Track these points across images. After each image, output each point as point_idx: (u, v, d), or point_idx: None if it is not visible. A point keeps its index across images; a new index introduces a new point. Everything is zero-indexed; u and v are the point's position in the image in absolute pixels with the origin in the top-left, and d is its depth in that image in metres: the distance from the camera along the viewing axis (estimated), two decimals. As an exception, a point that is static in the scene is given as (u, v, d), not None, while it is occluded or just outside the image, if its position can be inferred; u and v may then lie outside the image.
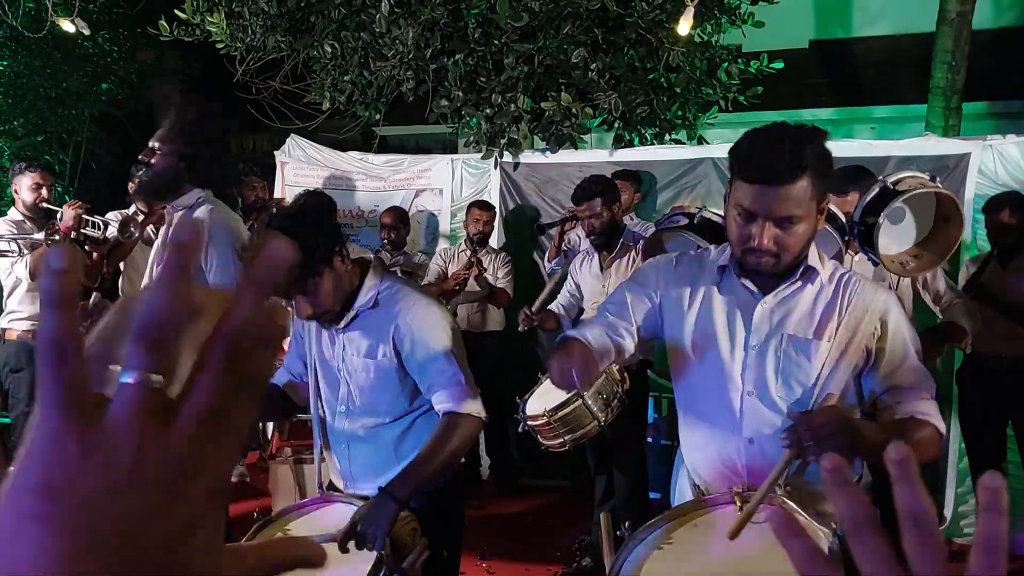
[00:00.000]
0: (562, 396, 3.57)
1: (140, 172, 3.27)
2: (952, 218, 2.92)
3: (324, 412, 2.66)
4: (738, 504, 1.91)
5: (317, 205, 2.44)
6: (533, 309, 4.43)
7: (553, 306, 4.70)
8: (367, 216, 6.56)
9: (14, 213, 4.85)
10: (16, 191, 4.84)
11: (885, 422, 1.99)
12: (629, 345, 2.18)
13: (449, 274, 5.48)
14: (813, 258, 2.05)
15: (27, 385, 4.69)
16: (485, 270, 5.40)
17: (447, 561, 2.57)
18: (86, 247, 4.95)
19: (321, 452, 2.70)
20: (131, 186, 5.07)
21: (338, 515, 2.39)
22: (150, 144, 3.22)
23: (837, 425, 1.80)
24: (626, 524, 1.94)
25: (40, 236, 4.50)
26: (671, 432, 5.41)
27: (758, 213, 1.90)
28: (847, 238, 2.95)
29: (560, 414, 3.54)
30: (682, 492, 2.25)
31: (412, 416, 2.57)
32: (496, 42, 5.98)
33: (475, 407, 2.47)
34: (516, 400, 3.82)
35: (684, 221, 3.22)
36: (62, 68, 9.81)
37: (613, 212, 4.43)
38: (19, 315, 4.76)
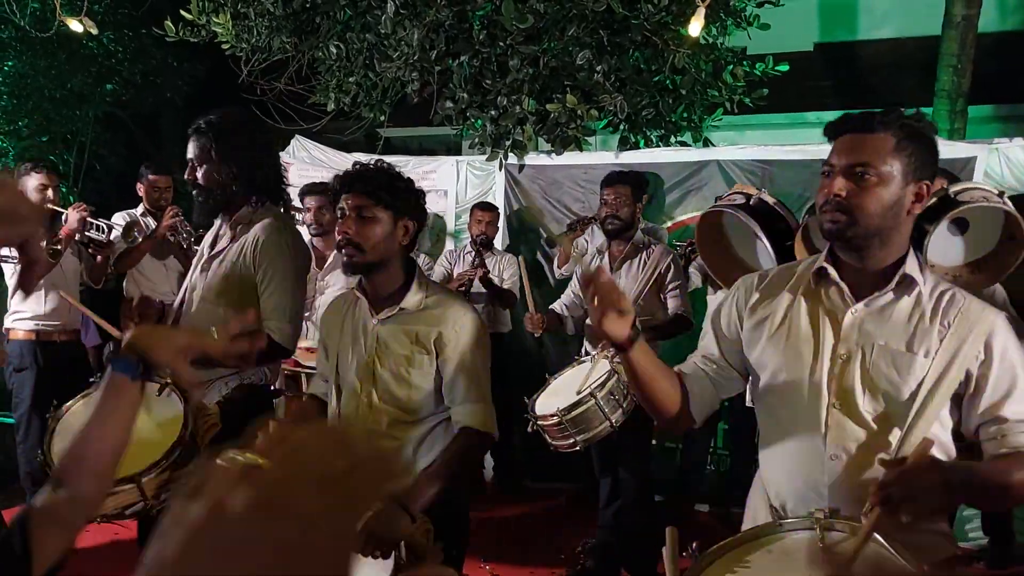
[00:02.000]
0: (574, 396, 3.56)
1: (194, 192, 3.10)
2: (1017, 236, 2.78)
3: (344, 405, 2.66)
4: (818, 532, 1.76)
5: (408, 178, 2.57)
6: (533, 310, 4.44)
7: (556, 306, 4.69)
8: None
9: None
10: (21, 192, 4.84)
11: (986, 463, 1.86)
12: (725, 387, 2.16)
13: (454, 275, 5.48)
14: (912, 267, 1.92)
15: (30, 385, 4.70)
16: (489, 271, 5.40)
17: (453, 562, 2.56)
18: (90, 250, 4.96)
19: None
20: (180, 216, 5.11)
21: None
22: (188, 158, 3.08)
23: (932, 485, 1.67)
24: (694, 545, 1.82)
25: (42, 244, 4.49)
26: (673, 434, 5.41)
27: (835, 164, 1.89)
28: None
29: (572, 414, 3.52)
30: (755, 511, 2.12)
31: (434, 420, 2.58)
32: (501, 44, 5.97)
33: (493, 427, 2.55)
34: (524, 400, 3.81)
35: (741, 200, 3.19)
36: (67, 69, 9.81)
37: (635, 207, 4.46)
38: (22, 315, 4.76)
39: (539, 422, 3.62)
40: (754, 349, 2.06)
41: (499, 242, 5.95)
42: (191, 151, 3.07)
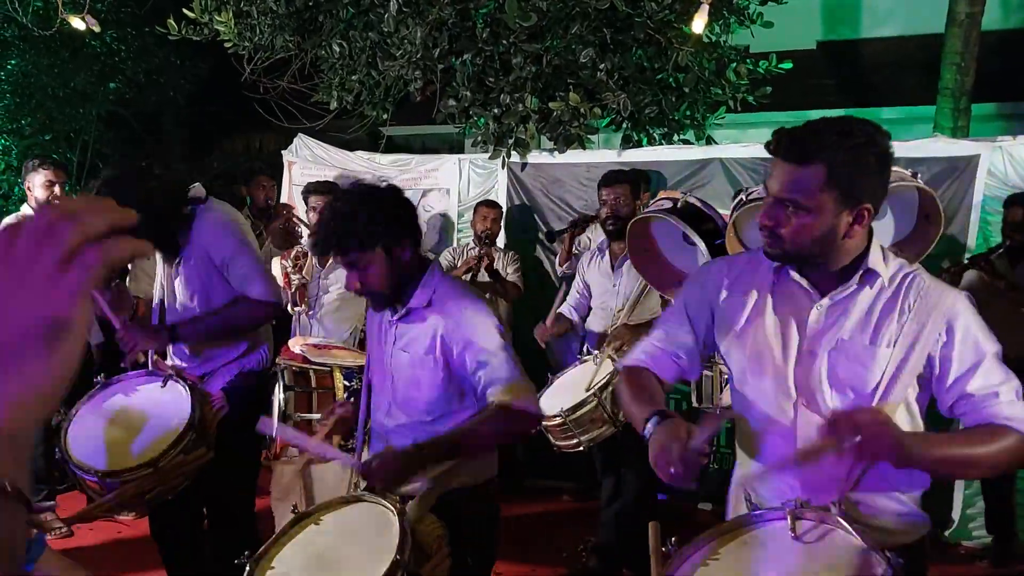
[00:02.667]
0: (578, 396, 3.55)
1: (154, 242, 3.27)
2: (931, 216, 2.88)
3: (374, 403, 2.68)
4: (791, 522, 1.83)
5: (384, 193, 2.47)
6: (548, 323, 4.45)
7: (563, 308, 4.68)
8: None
9: (26, 210, 4.87)
10: (29, 188, 4.86)
11: (954, 433, 1.92)
12: (687, 363, 2.18)
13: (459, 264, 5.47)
14: (875, 260, 1.93)
15: None
16: (494, 259, 5.38)
17: (474, 567, 2.53)
18: None
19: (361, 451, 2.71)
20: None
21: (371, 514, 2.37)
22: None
23: (880, 427, 1.72)
24: (672, 540, 1.85)
25: None
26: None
27: (768, 190, 1.89)
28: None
29: (576, 415, 3.52)
30: (735, 505, 2.17)
31: (452, 420, 2.53)
32: (504, 42, 5.97)
33: (530, 399, 2.46)
34: None
35: (668, 205, 3.22)
36: (70, 67, 9.82)
37: (635, 204, 4.45)
38: None
39: (543, 423, 3.61)
40: (723, 343, 2.10)
41: (500, 239, 5.95)
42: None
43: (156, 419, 2.97)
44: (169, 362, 3.35)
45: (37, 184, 4.77)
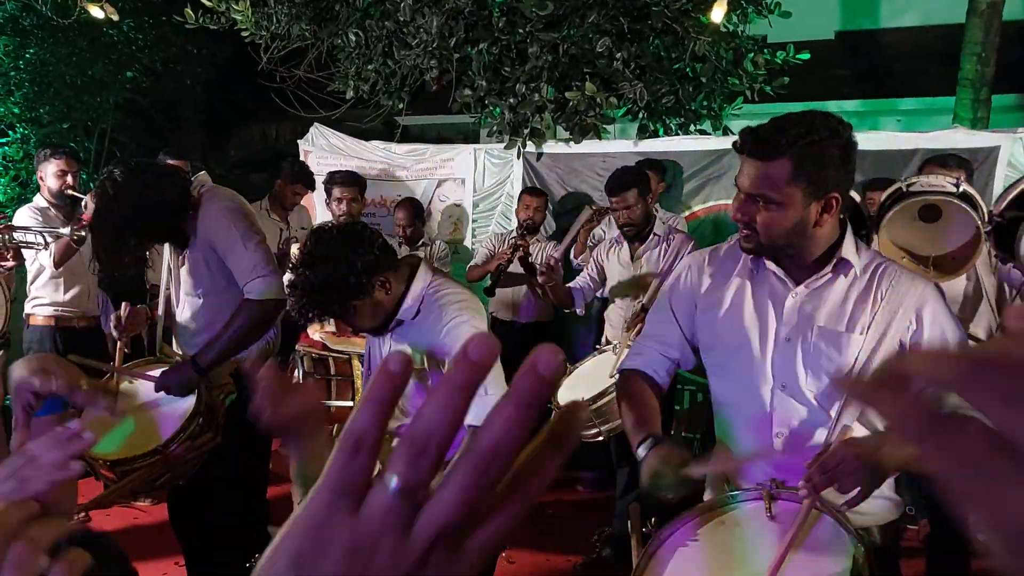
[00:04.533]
0: (600, 385, 3.55)
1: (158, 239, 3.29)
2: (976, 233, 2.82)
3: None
4: (766, 502, 1.89)
5: (340, 243, 2.43)
6: (558, 255, 4.43)
7: (573, 283, 4.68)
8: (389, 206, 6.57)
9: (39, 200, 4.89)
10: (42, 178, 4.88)
11: None
12: (678, 355, 2.25)
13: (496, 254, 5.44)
14: (848, 250, 2.00)
15: None
16: (531, 255, 5.31)
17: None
18: None
19: None
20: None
21: None
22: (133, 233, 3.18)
23: (851, 464, 1.78)
24: (652, 520, 1.93)
25: (66, 231, 4.53)
26: (691, 424, 5.39)
27: (738, 186, 1.96)
28: (988, 230, 2.80)
29: (598, 404, 3.51)
30: (714, 484, 2.23)
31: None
32: (520, 31, 5.95)
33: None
34: None
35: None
36: (88, 56, 9.85)
37: (647, 203, 4.43)
38: (41, 301, 4.81)
39: None
40: (704, 331, 2.17)
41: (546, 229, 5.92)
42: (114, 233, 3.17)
43: (164, 406, 3.00)
44: (176, 349, 3.38)
45: (50, 173, 4.79)
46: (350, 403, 3.72)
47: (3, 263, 4.35)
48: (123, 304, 3.36)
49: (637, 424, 2.10)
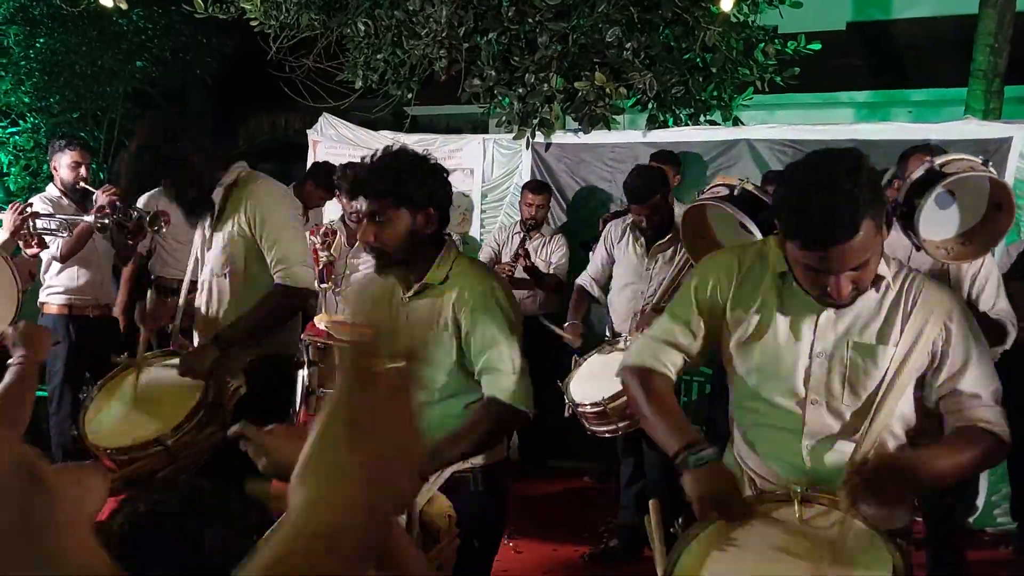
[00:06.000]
0: (617, 384, 3.52)
1: (179, 197, 3.25)
2: (1004, 205, 2.82)
3: None
4: (797, 505, 1.90)
5: (430, 163, 2.46)
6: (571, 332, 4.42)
7: (583, 281, 4.65)
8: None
9: (52, 190, 4.91)
10: (55, 168, 4.90)
11: (942, 444, 1.99)
12: (695, 355, 2.21)
13: (501, 258, 5.41)
14: (882, 267, 1.98)
15: (63, 359, 4.77)
16: (532, 258, 5.27)
17: (480, 551, 2.51)
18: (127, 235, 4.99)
19: None
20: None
21: None
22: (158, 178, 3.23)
23: (890, 480, 1.79)
24: (679, 520, 1.92)
25: (89, 218, 4.58)
26: (696, 417, 5.37)
27: (830, 271, 1.87)
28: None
29: (618, 402, 3.50)
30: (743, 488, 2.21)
31: (459, 402, 2.50)
32: (530, 20, 5.93)
33: (524, 400, 2.41)
34: (558, 384, 3.80)
35: (724, 192, 3.16)
36: (97, 45, 9.88)
37: (668, 202, 4.37)
38: (56, 289, 4.83)
39: (578, 409, 3.60)
40: (733, 340, 2.13)
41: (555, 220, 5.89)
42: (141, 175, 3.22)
43: (173, 397, 2.99)
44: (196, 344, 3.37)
45: (63, 164, 4.82)
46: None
47: (27, 249, 4.37)
48: (148, 293, 3.37)
49: (669, 427, 2.07)
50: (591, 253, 5.56)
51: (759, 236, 3.01)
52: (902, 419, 2.06)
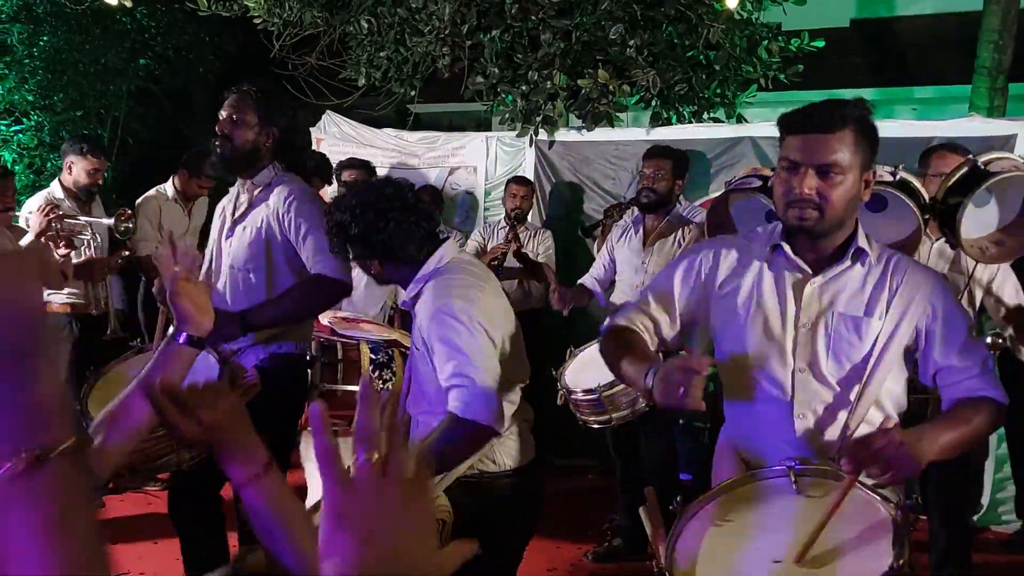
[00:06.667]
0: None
1: (218, 144, 3.21)
2: None
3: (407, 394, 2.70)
4: (792, 478, 1.93)
5: (381, 200, 2.48)
6: (555, 284, 4.43)
7: (586, 280, 4.65)
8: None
9: (56, 189, 4.92)
10: (69, 167, 4.92)
11: (942, 418, 2.04)
12: (667, 334, 2.26)
13: (487, 249, 5.45)
14: (862, 240, 2.10)
15: (65, 357, 4.79)
16: (523, 246, 5.35)
17: (487, 560, 2.49)
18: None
19: None
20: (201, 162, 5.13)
21: None
22: (225, 115, 3.19)
23: (895, 448, 1.81)
24: (677, 499, 1.94)
25: (109, 221, 4.64)
26: (701, 415, 5.37)
27: (801, 162, 1.99)
28: (927, 217, 2.83)
29: (612, 391, 3.49)
30: (724, 462, 2.28)
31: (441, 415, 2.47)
32: (533, 18, 5.92)
33: (480, 413, 2.32)
34: (552, 372, 3.79)
35: (758, 183, 3.15)
36: (101, 44, 9.87)
37: (674, 183, 4.43)
38: (57, 290, 4.85)
39: (572, 397, 3.58)
40: (720, 319, 2.21)
41: (536, 219, 5.91)
42: (232, 108, 3.18)
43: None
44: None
45: (81, 168, 4.87)
46: (357, 388, 3.71)
47: (57, 251, 4.39)
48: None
49: (637, 361, 2.07)
50: (590, 240, 5.59)
51: None
52: (892, 397, 2.12)
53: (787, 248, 2.12)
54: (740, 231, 3.41)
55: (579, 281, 4.68)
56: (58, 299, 4.86)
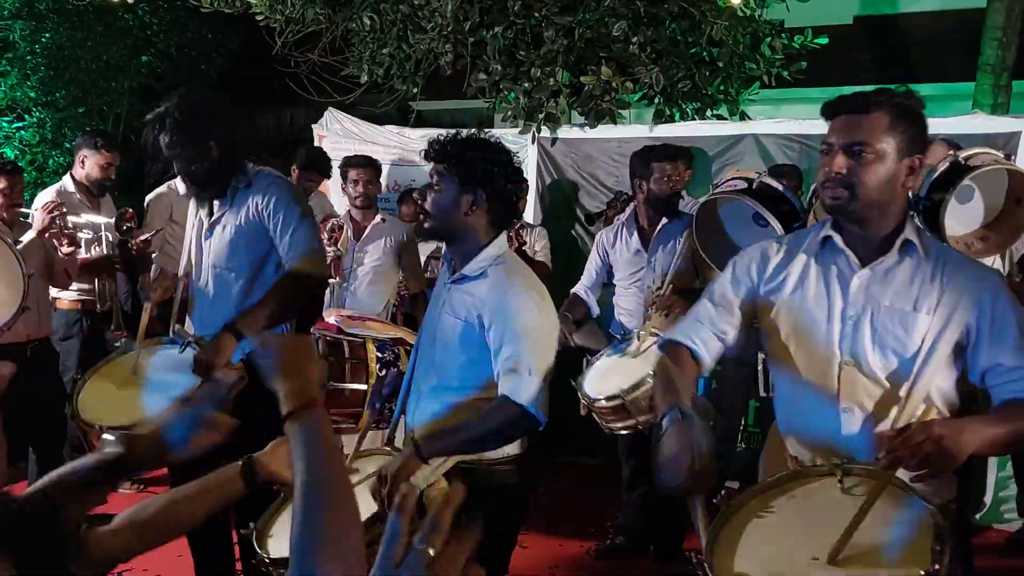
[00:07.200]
0: (634, 376, 3.52)
1: (188, 173, 3.23)
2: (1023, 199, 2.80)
3: (416, 363, 2.72)
4: (839, 476, 1.92)
5: (500, 148, 2.56)
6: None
7: (579, 289, 4.60)
8: (403, 191, 6.56)
9: (68, 182, 4.93)
10: (82, 161, 4.92)
11: (992, 413, 2.03)
12: (731, 340, 2.28)
13: None
14: (911, 232, 2.08)
15: (75, 353, 4.82)
16: (524, 243, 5.34)
17: (490, 544, 2.52)
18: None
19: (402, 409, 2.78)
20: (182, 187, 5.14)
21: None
22: (166, 142, 3.18)
23: (934, 444, 1.80)
24: (722, 492, 2.01)
25: (110, 220, 4.68)
26: (706, 412, 5.35)
27: (834, 143, 2.03)
28: (911, 214, 2.85)
29: (635, 395, 3.47)
30: (772, 463, 2.30)
31: (475, 394, 2.53)
32: (536, 15, 5.91)
33: (536, 403, 2.40)
34: (571, 383, 3.77)
35: (743, 186, 3.16)
36: (103, 41, 9.88)
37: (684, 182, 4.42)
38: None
39: (595, 405, 3.57)
40: (769, 312, 2.21)
41: (532, 217, 5.91)
42: (168, 136, 3.16)
43: (174, 380, 2.98)
44: (190, 330, 3.36)
45: (94, 163, 4.89)
46: (364, 386, 3.71)
47: (61, 248, 4.39)
48: (152, 266, 3.40)
49: (663, 391, 2.12)
50: (593, 227, 5.58)
51: (779, 229, 3.03)
52: (942, 395, 2.08)
53: (837, 238, 2.12)
54: (730, 234, 3.43)
55: (573, 290, 4.62)
56: (68, 296, 4.88)
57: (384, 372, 3.62)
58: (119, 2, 6.94)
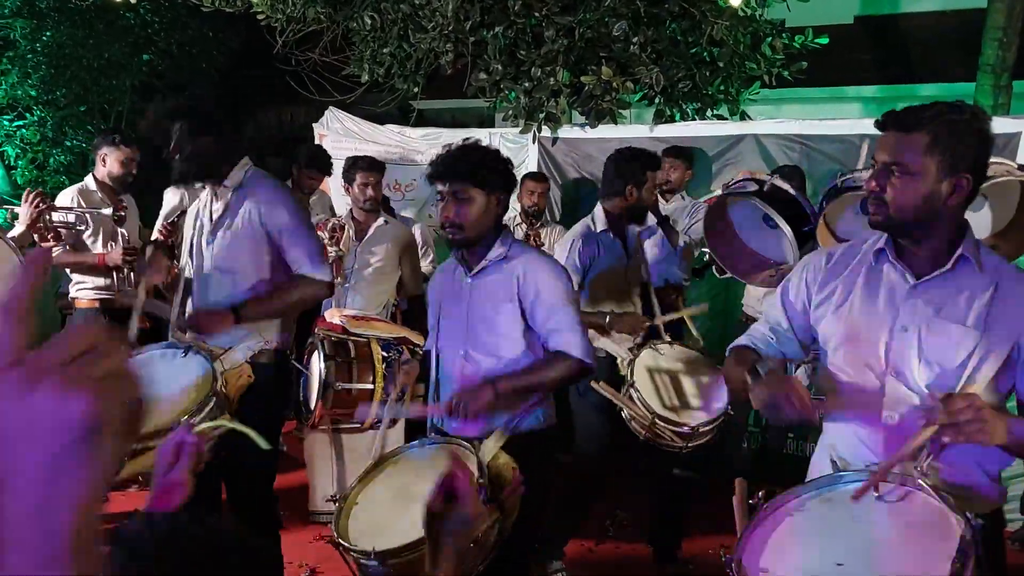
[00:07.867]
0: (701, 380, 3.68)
1: (174, 163, 3.29)
2: None
3: (444, 364, 2.95)
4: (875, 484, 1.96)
5: (503, 158, 2.88)
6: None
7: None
8: (404, 190, 6.57)
9: (90, 181, 4.95)
10: (103, 159, 4.93)
11: None
12: (791, 354, 2.38)
13: None
14: (968, 247, 2.06)
15: None
16: (543, 244, 5.31)
17: (534, 504, 2.65)
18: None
19: (434, 395, 3.01)
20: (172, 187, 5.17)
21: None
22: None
23: (974, 412, 1.81)
24: (760, 493, 2.03)
25: (108, 211, 4.68)
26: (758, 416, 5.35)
27: (876, 159, 2.06)
28: (807, 229, 2.90)
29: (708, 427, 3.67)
30: (818, 468, 2.32)
31: (524, 363, 2.82)
32: (536, 14, 5.92)
33: (587, 354, 2.79)
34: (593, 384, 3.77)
35: (753, 187, 3.17)
36: (104, 39, 9.88)
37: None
38: (84, 285, 4.89)
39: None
40: (821, 322, 2.25)
41: (549, 215, 5.90)
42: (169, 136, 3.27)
43: (177, 385, 2.99)
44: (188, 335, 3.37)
45: (115, 159, 4.89)
46: (370, 385, 3.73)
47: (43, 243, 4.39)
48: (147, 246, 3.45)
49: (738, 365, 2.27)
50: None
51: (790, 234, 3.07)
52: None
53: (890, 251, 2.13)
54: (740, 234, 3.45)
55: None
56: (86, 295, 4.89)
57: (388, 370, 3.68)
58: (120, 1, 6.92)
